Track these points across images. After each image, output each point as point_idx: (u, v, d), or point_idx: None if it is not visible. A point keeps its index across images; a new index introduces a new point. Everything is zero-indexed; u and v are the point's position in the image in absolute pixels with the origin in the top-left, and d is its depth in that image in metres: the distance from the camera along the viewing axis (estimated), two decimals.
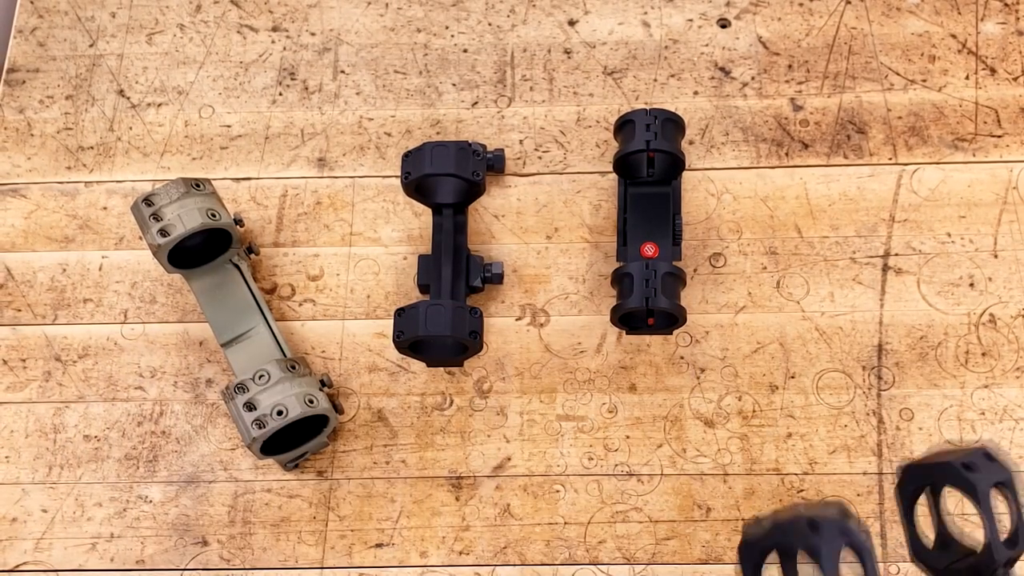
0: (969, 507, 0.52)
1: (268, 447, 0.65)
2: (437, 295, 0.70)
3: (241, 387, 0.64)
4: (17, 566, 0.69)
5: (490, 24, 0.81)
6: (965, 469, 0.51)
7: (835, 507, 0.48)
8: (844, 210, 0.74)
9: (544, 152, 0.77)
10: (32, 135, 0.80)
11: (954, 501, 0.54)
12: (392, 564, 0.68)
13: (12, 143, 0.80)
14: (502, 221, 0.76)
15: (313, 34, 0.82)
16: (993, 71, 0.78)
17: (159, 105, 0.80)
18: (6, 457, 0.71)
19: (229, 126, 0.80)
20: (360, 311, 0.74)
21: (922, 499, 0.53)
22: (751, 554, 0.48)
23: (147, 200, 0.68)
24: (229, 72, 0.81)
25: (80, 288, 0.75)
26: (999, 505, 0.51)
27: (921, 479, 0.53)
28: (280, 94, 0.80)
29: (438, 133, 0.78)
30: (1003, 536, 0.51)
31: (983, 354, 0.70)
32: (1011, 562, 0.52)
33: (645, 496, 0.68)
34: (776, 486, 0.68)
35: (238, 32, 0.82)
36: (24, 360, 0.74)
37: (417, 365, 0.72)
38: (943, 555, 0.53)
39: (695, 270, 0.73)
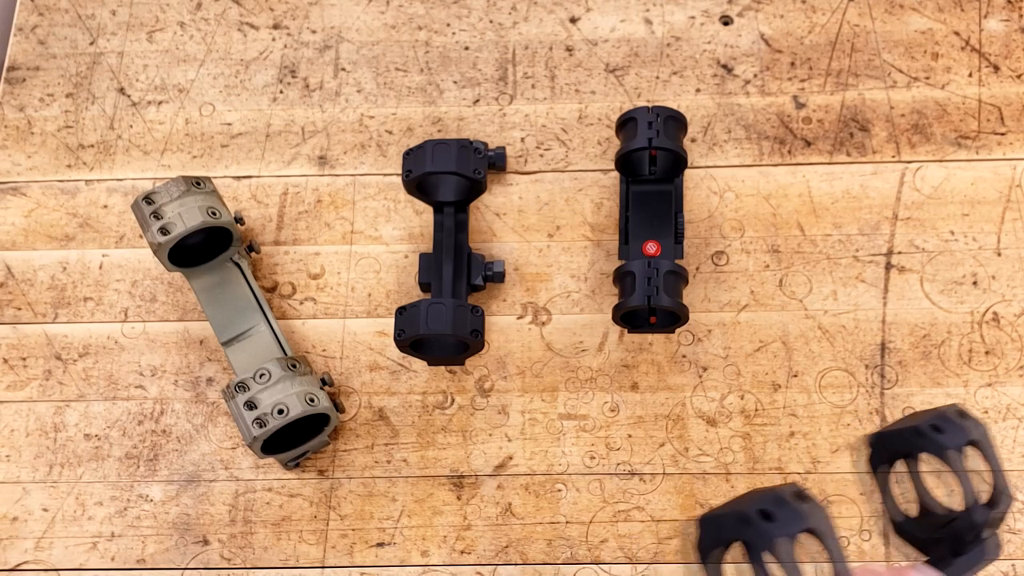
0: (946, 471, 0.50)
1: (269, 446, 0.65)
2: (438, 293, 0.70)
3: (242, 386, 0.64)
4: (18, 565, 0.69)
5: (491, 21, 0.81)
6: (934, 431, 0.48)
7: (789, 490, 0.43)
8: (847, 208, 0.74)
9: (546, 150, 0.77)
10: (32, 133, 0.80)
11: (929, 467, 0.51)
12: (393, 563, 0.67)
13: (12, 141, 0.80)
14: (503, 219, 0.76)
15: (314, 32, 0.82)
16: (996, 68, 0.77)
17: (159, 103, 0.80)
18: (7, 456, 0.71)
19: (230, 124, 0.79)
20: (361, 309, 0.74)
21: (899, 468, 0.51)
22: (706, 550, 0.45)
23: (147, 198, 0.68)
24: (230, 70, 0.81)
25: (80, 287, 0.75)
26: (978, 464, 0.49)
27: (891, 447, 0.50)
28: (281, 92, 0.80)
29: (439, 131, 0.78)
30: (983, 496, 0.49)
31: (986, 352, 0.70)
32: (995, 522, 0.50)
33: (647, 495, 0.68)
34: None
35: (238, 30, 0.82)
36: (24, 359, 0.73)
37: (418, 364, 0.72)
38: (925, 525, 0.51)
39: (697, 268, 0.73)
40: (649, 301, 0.66)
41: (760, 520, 0.41)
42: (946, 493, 0.51)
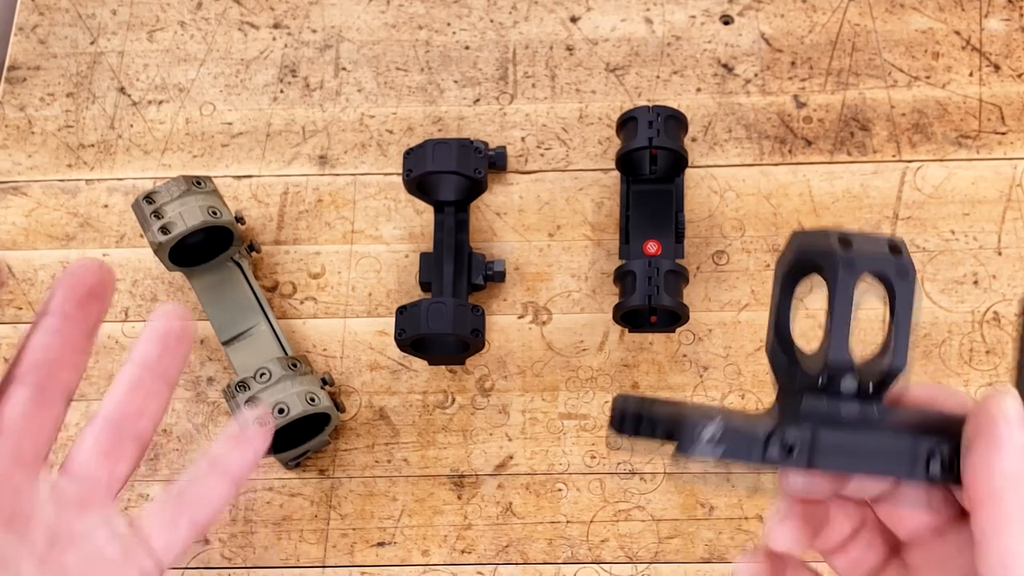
0: None
1: (269, 445, 0.65)
2: (439, 293, 0.70)
3: (242, 385, 0.64)
4: None
5: (492, 21, 0.81)
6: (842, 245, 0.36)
7: (890, 239, 0.36)
8: (848, 207, 0.74)
9: (546, 149, 0.77)
10: (33, 133, 0.80)
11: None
12: (394, 563, 0.67)
13: (13, 141, 0.80)
14: (504, 219, 0.76)
15: (314, 31, 0.82)
16: (997, 68, 0.77)
17: (160, 102, 0.80)
18: None
19: (230, 123, 0.79)
20: (361, 309, 0.74)
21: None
22: (781, 268, 0.39)
23: (148, 198, 0.68)
24: (230, 69, 0.81)
25: None
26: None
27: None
28: (281, 91, 0.80)
29: (440, 130, 0.78)
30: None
31: (987, 352, 0.70)
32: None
33: (648, 495, 0.68)
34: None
35: (239, 29, 0.82)
36: None
37: (419, 363, 0.72)
38: None
39: (698, 268, 0.73)
40: (650, 300, 0.66)
41: (838, 245, 0.36)
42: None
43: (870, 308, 0.37)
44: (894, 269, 0.36)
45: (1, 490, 0.36)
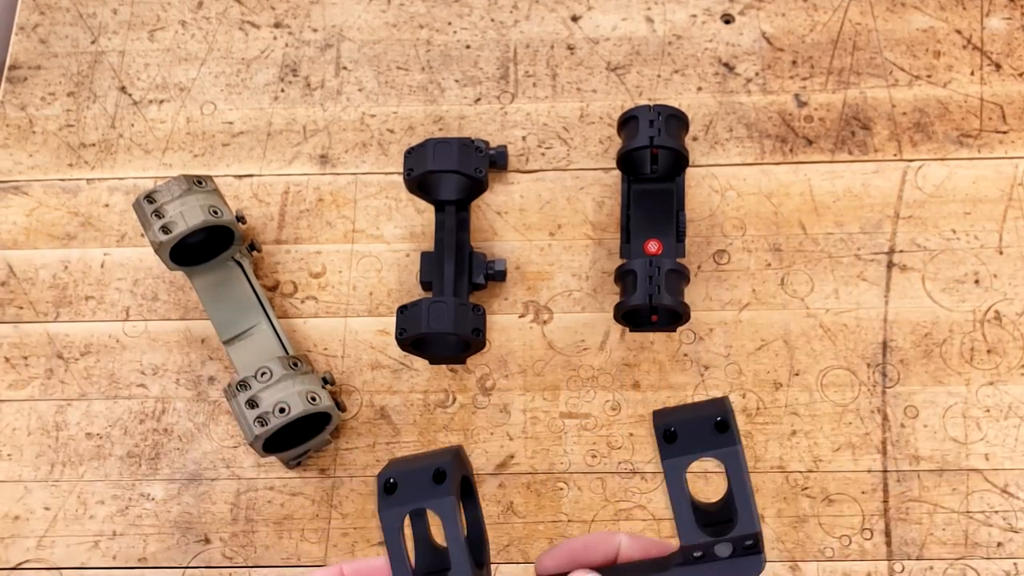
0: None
1: (270, 445, 0.65)
2: (440, 292, 0.70)
3: (243, 384, 0.64)
4: (20, 564, 0.69)
5: (493, 20, 0.81)
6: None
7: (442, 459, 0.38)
8: (849, 207, 0.74)
9: (547, 149, 0.77)
10: (34, 132, 0.80)
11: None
12: None
13: (14, 140, 0.80)
14: (505, 218, 0.76)
15: (315, 30, 0.82)
16: (998, 67, 0.77)
17: (161, 102, 0.80)
18: (8, 455, 0.71)
19: (231, 123, 0.79)
20: (362, 308, 0.74)
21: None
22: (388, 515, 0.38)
23: (149, 197, 0.68)
24: (231, 69, 0.81)
25: (82, 285, 0.75)
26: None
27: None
28: (282, 91, 0.80)
29: (440, 130, 0.78)
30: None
31: (988, 351, 0.70)
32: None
33: (649, 494, 0.68)
34: (780, 484, 0.68)
35: (240, 29, 0.82)
36: (26, 358, 0.74)
37: (420, 362, 0.72)
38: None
39: (699, 267, 0.73)
40: (650, 299, 0.66)
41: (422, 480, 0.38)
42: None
43: None
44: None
45: None
